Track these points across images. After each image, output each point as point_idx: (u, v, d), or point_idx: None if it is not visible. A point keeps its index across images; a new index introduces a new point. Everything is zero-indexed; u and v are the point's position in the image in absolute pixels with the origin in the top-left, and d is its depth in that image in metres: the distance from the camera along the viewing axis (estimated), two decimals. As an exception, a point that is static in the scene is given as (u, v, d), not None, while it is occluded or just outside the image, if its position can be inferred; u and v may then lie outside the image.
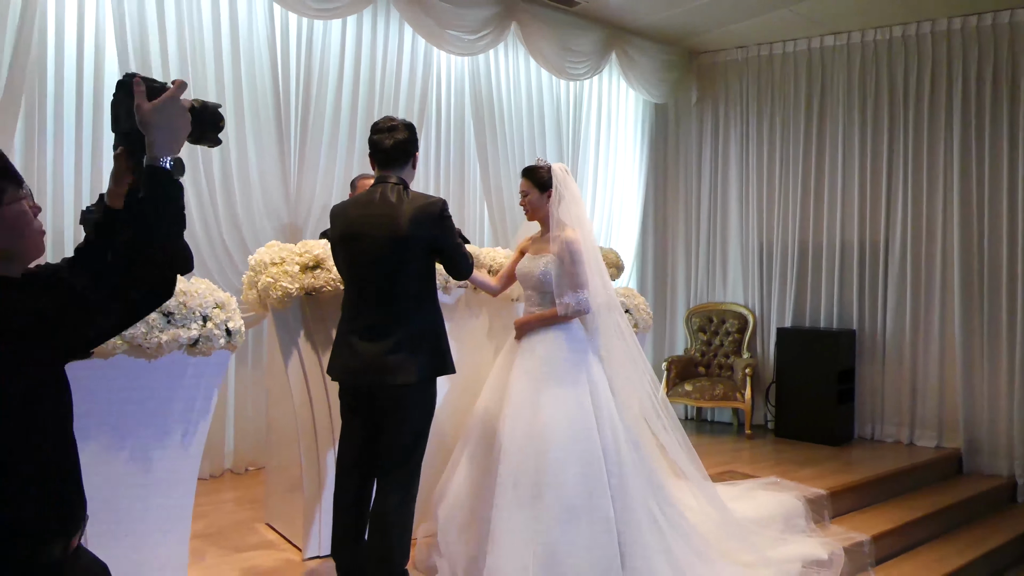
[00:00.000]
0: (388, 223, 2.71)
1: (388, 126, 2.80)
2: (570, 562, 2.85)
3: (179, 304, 2.75)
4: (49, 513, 1.34)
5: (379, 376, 2.69)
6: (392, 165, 2.80)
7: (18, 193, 1.41)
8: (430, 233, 2.72)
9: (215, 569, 3.13)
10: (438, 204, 2.76)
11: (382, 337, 2.70)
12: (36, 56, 3.92)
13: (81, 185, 4.12)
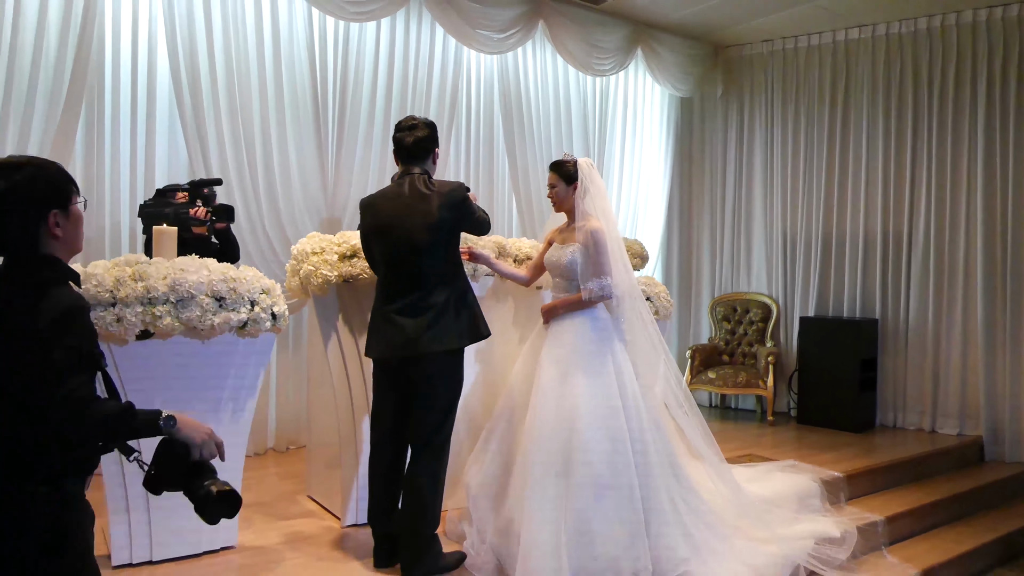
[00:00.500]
0: (419, 210, 2.97)
1: (409, 125, 3.07)
2: (599, 531, 3.05)
3: (230, 289, 3.01)
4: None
5: (427, 345, 2.93)
6: (414, 160, 3.07)
7: (78, 196, 1.77)
8: (457, 216, 3.01)
9: (262, 534, 3.39)
10: (461, 189, 3.05)
11: (423, 312, 2.95)
12: (95, 62, 4.22)
13: (136, 180, 4.42)
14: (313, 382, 4.02)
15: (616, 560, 3.03)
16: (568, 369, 3.30)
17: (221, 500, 1.76)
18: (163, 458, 1.76)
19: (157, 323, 2.85)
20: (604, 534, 3.05)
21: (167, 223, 3.42)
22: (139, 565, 3.00)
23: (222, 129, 4.55)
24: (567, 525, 3.04)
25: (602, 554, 3.02)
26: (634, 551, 3.06)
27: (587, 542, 3.04)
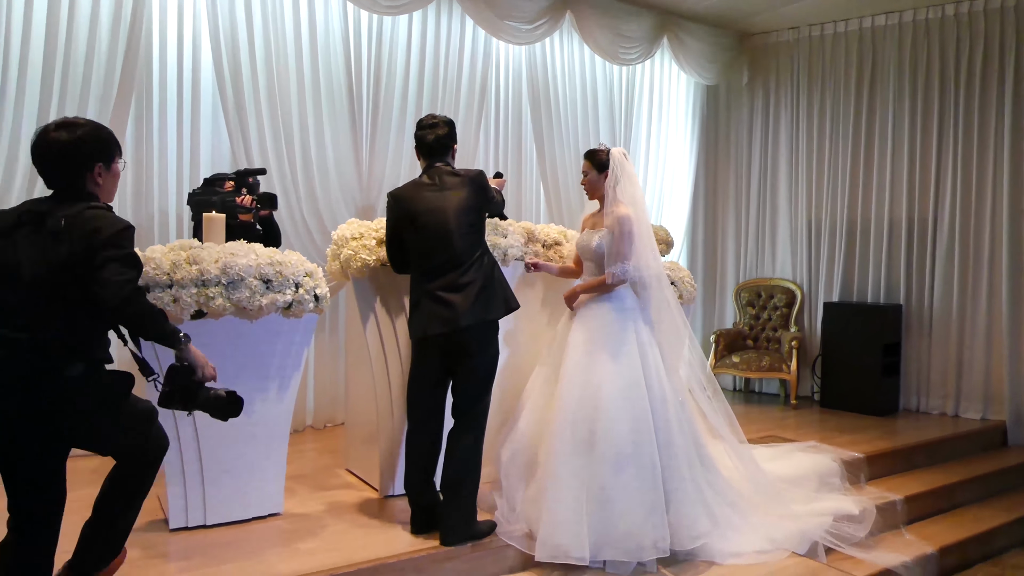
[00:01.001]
0: (450, 196, 3.22)
1: (430, 123, 3.30)
2: (620, 503, 3.21)
3: (276, 272, 3.21)
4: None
5: (473, 317, 3.15)
6: (435, 156, 3.32)
7: (120, 157, 2.40)
8: (480, 198, 3.29)
9: (305, 504, 3.61)
10: (482, 174, 3.32)
11: (462, 288, 3.17)
12: (143, 59, 4.45)
13: (182, 170, 4.65)
14: (351, 361, 4.22)
15: (635, 531, 3.19)
16: (594, 349, 3.46)
17: (229, 400, 2.43)
18: (174, 377, 2.35)
19: (210, 303, 3.06)
20: (624, 506, 3.21)
21: (215, 210, 3.63)
22: (194, 529, 3.22)
23: (262, 121, 4.76)
24: (589, 496, 3.21)
25: (622, 525, 3.19)
26: (653, 523, 3.22)
27: (607, 513, 3.20)
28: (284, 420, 3.44)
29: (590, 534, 3.16)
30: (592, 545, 3.15)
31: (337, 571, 2.84)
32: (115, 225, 2.22)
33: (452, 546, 3.11)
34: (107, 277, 2.16)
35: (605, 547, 3.17)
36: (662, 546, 3.21)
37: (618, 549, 3.17)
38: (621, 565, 3.19)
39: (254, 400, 3.31)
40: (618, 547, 3.17)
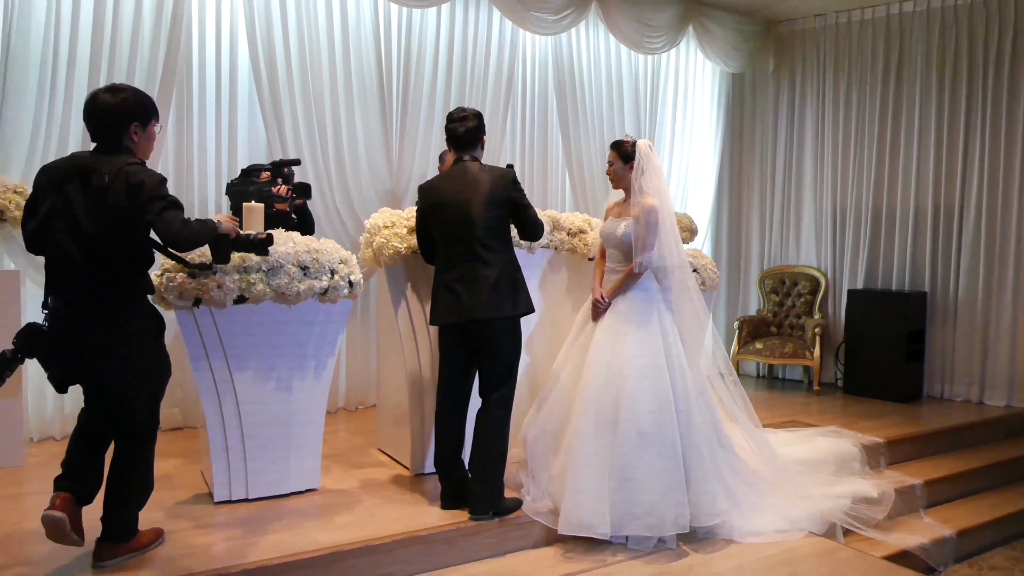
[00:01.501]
0: (475, 190, 3.32)
1: (460, 116, 3.42)
2: (641, 481, 3.34)
3: (313, 260, 3.37)
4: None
5: (484, 312, 3.28)
6: (465, 148, 3.42)
7: (156, 121, 2.79)
8: (508, 195, 3.35)
9: (341, 480, 3.78)
10: (511, 172, 3.42)
11: (477, 282, 3.29)
12: (183, 55, 4.63)
13: (220, 161, 4.83)
14: (382, 345, 4.38)
15: (655, 507, 3.31)
16: (618, 334, 3.57)
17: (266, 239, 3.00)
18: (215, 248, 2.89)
19: (251, 289, 3.23)
20: (645, 483, 3.34)
21: (254, 200, 3.79)
22: (237, 502, 3.41)
23: (297, 113, 4.92)
24: (611, 474, 3.34)
25: (643, 501, 3.31)
26: (673, 500, 3.34)
27: (629, 490, 3.33)
28: (320, 400, 3.61)
29: (612, 510, 3.29)
30: (614, 521, 3.28)
31: (372, 542, 3.00)
32: (153, 178, 2.61)
33: (479, 520, 3.26)
34: (166, 227, 2.56)
35: (627, 523, 3.30)
36: (682, 522, 3.33)
37: (640, 524, 3.30)
38: (643, 540, 3.32)
39: (292, 381, 3.49)
40: (640, 523, 3.30)
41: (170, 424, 4.78)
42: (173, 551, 2.88)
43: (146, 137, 2.75)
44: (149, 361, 2.79)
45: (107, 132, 2.67)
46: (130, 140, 2.69)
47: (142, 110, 2.71)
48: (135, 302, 2.74)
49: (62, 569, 2.74)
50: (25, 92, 4.18)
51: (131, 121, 2.68)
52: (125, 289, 2.69)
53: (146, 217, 2.56)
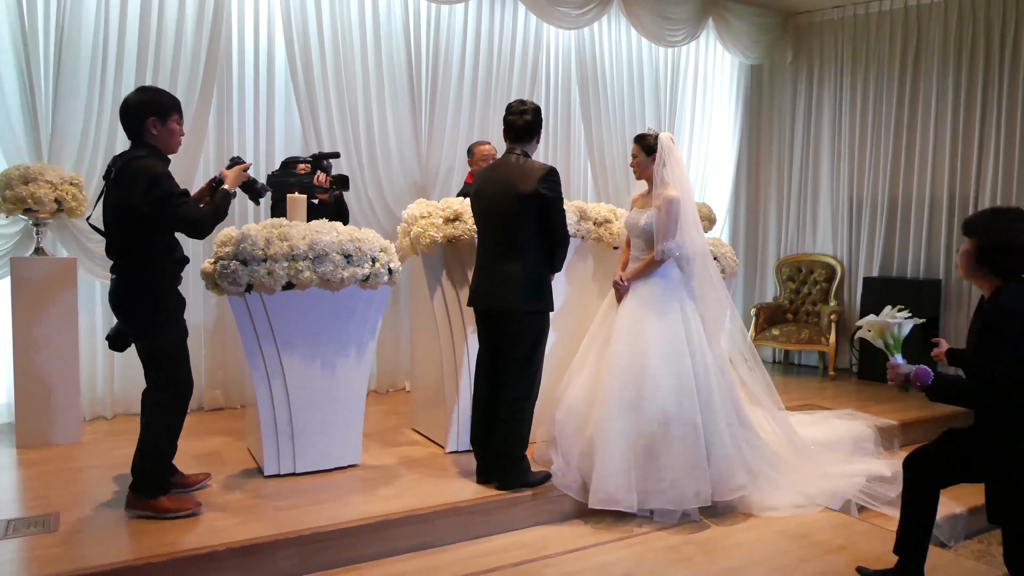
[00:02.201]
0: (512, 183, 3.46)
1: (520, 109, 3.54)
2: (664, 457, 3.53)
3: (356, 248, 3.57)
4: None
5: (496, 303, 3.47)
6: (520, 140, 3.56)
7: (176, 115, 3.06)
8: (537, 189, 3.40)
9: (379, 457, 4.00)
10: (548, 168, 3.47)
11: (494, 273, 3.47)
12: (224, 53, 4.84)
13: (259, 153, 5.04)
14: (417, 330, 4.58)
15: (677, 483, 3.51)
16: (641, 319, 3.76)
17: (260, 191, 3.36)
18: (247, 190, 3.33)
19: (299, 276, 3.43)
20: (667, 461, 3.53)
21: (297, 191, 3.99)
22: (285, 476, 3.63)
23: (331, 107, 5.11)
24: (636, 451, 3.54)
25: (666, 477, 3.51)
26: (695, 476, 3.54)
27: (653, 466, 3.52)
28: (361, 381, 3.82)
29: (637, 486, 3.49)
30: (639, 495, 3.48)
31: (416, 512, 3.21)
32: (153, 170, 2.90)
33: (506, 491, 3.47)
34: (170, 222, 2.95)
35: (651, 497, 3.50)
36: (704, 496, 3.53)
37: (663, 499, 3.50)
38: (667, 513, 3.52)
39: (335, 363, 3.70)
40: (663, 497, 3.50)
41: (213, 404, 5.03)
42: (231, 518, 3.10)
43: (166, 131, 3.04)
44: (165, 338, 3.09)
45: (129, 127, 3.03)
46: (149, 134, 3.01)
47: (158, 105, 3.02)
48: (150, 285, 3.04)
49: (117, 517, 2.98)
50: (77, 88, 4.40)
51: (148, 116, 2.99)
52: (137, 273, 3.02)
53: (164, 216, 2.91)
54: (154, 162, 2.96)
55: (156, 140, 3.03)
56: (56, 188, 4.02)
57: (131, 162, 2.94)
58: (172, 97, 3.11)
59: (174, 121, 3.06)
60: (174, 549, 2.78)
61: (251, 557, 2.84)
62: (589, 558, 3.18)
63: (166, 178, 2.94)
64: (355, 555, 3.04)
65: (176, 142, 3.12)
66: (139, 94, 3.05)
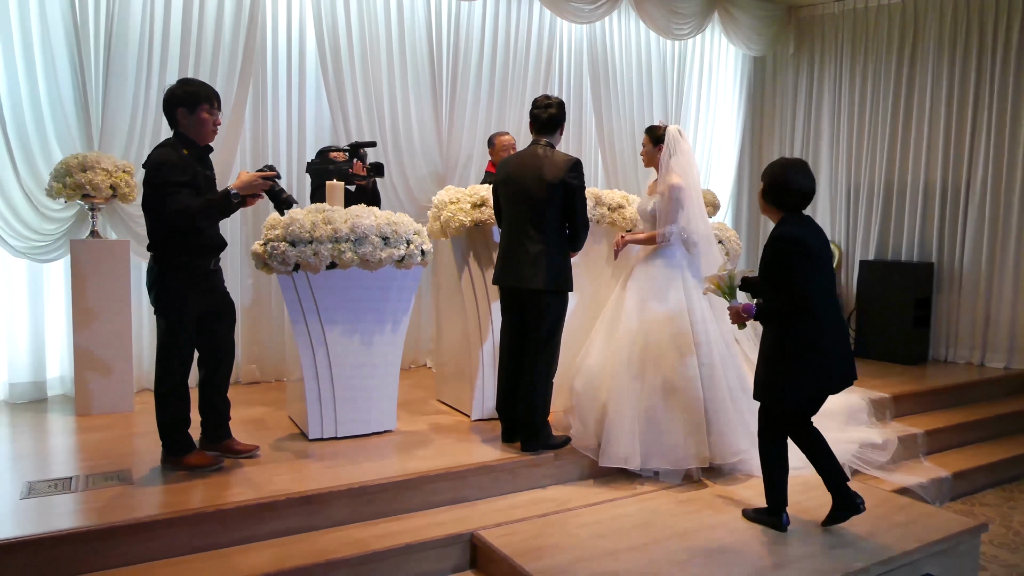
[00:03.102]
0: (537, 171, 3.77)
1: (545, 103, 3.84)
2: (665, 422, 3.87)
3: (392, 231, 3.89)
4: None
5: (521, 282, 3.79)
6: (544, 132, 3.86)
7: (207, 106, 3.28)
8: (563, 178, 3.71)
9: (411, 423, 4.34)
10: (574, 160, 3.77)
11: (524, 254, 3.79)
12: (259, 48, 5.15)
13: (292, 141, 5.37)
14: (442, 308, 4.91)
15: (676, 446, 3.86)
16: (646, 297, 4.10)
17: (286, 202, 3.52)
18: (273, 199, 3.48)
19: (342, 256, 3.76)
20: (668, 426, 3.88)
21: (335, 178, 4.31)
22: (327, 439, 3.98)
23: (358, 99, 5.43)
24: (640, 416, 3.88)
25: (667, 440, 3.86)
26: (694, 440, 3.88)
27: (654, 429, 3.87)
28: (396, 353, 4.15)
29: (641, 446, 3.84)
30: (643, 456, 3.83)
31: (450, 470, 3.56)
32: (156, 161, 3.16)
33: (530, 453, 3.81)
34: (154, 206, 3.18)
35: (653, 457, 3.86)
36: (702, 458, 3.87)
37: (664, 459, 3.85)
38: (670, 473, 3.88)
39: (373, 336, 4.04)
40: (664, 457, 3.85)
41: (250, 378, 5.37)
42: (286, 473, 3.45)
43: (195, 120, 3.28)
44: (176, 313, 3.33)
45: (167, 117, 3.35)
46: (180, 124, 3.29)
47: (188, 96, 3.26)
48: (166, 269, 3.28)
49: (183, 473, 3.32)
50: (125, 81, 4.70)
51: (178, 106, 3.26)
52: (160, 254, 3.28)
53: (155, 202, 3.16)
54: (167, 151, 3.20)
55: (186, 129, 3.28)
56: (111, 175, 4.34)
57: (153, 150, 3.25)
58: (206, 88, 3.31)
59: (203, 111, 3.26)
60: (242, 498, 3.12)
61: (309, 505, 3.19)
62: (607, 510, 3.53)
63: (168, 167, 3.15)
64: (399, 507, 3.39)
65: (208, 131, 3.33)
66: (177, 86, 3.31)
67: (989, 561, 3.75)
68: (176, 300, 3.30)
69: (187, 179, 3.19)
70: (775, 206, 3.24)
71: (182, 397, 3.42)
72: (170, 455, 3.46)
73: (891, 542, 3.24)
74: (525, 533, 3.24)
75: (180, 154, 3.22)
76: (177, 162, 3.18)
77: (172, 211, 3.13)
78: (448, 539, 3.20)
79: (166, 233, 3.23)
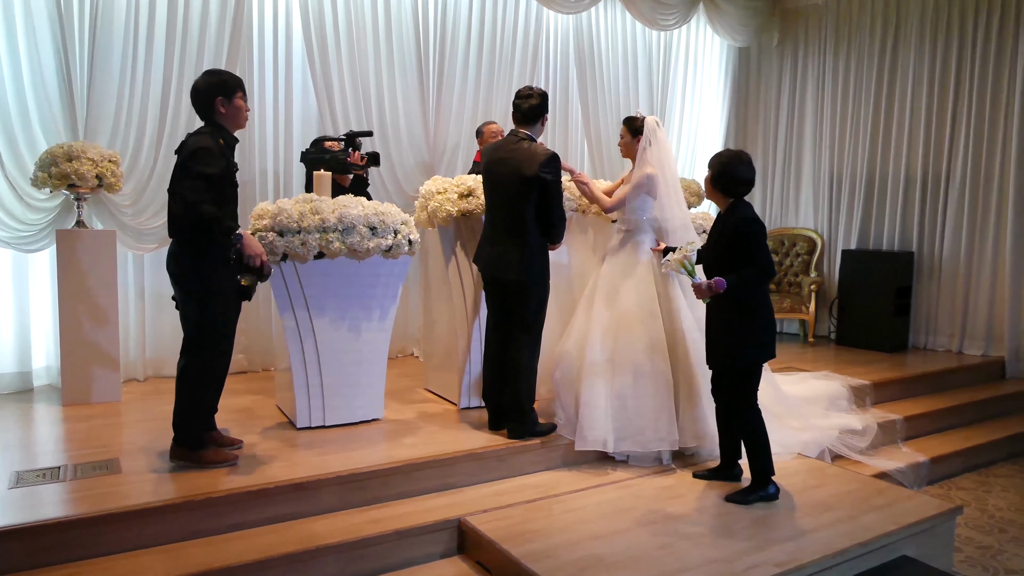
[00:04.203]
0: (514, 164, 3.82)
1: (527, 94, 3.89)
2: (634, 407, 3.94)
3: (380, 221, 3.91)
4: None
5: (496, 271, 3.85)
6: (525, 122, 3.91)
7: (242, 93, 3.35)
8: (537, 173, 3.74)
9: (399, 412, 4.38)
10: (550, 154, 3.79)
11: (500, 244, 3.84)
12: (245, 36, 5.13)
13: (278, 130, 5.37)
14: (429, 298, 4.95)
15: (645, 429, 3.93)
16: (618, 284, 4.18)
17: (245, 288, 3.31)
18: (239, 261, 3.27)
19: (329, 246, 3.78)
20: (637, 409, 3.95)
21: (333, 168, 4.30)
22: (316, 428, 4.01)
23: (345, 88, 5.43)
24: (611, 400, 3.95)
25: (635, 422, 3.94)
26: (663, 424, 3.95)
27: (625, 413, 3.94)
28: (384, 342, 4.19)
29: (614, 429, 3.90)
30: (615, 439, 3.90)
31: (438, 457, 3.60)
32: (195, 146, 3.15)
33: (516, 440, 3.86)
34: (180, 191, 3.14)
35: (624, 440, 3.92)
36: (670, 440, 3.94)
37: (634, 442, 3.92)
38: (641, 457, 3.95)
39: (361, 325, 4.06)
40: (634, 440, 3.92)
41: (237, 368, 5.36)
42: (275, 461, 3.48)
43: (233, 108, 3.33)
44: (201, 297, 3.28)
45: (199, 109, 3.33)
46: (218, 114, 3.31)
47: (223, 86, 3.30)
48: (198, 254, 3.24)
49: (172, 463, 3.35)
50: (110, 69, 4.69)
51: (215, 96, 3.28)
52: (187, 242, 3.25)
53: (185, 185, 3.12)
54: (204, 138, 3.20)
55: (224, 119, 3.32)
56: (97, 165, 4.33)
57: (189, 137, 3.26)
58: (236, 77, 3.39)
59: (239, 98, 3.33)
60: (232, 486, 3.15)
61: (299, 492, 3.22)
62: (593, 496, 3.59)
63: (204, 152, 3.13)
64: (387, 493, 3.43)
65: (244, 117, 3.40)
66: (206, 77, 3.32)
67: (964, 543, 3.85)
68: (220, 280, 3.27)
69: (219, 169, 3.19)
70: (723, 193, 3.53)
71: (219, 389, 3.48)
72: (187, 448, 3.38)
73: (870, 524, 3.32)
74: (512, 519, 3.29)
75: (216, 143, 3.23)
76: (214, 150, 3.18)
77: (190, 200, 3.10)
78: (437, 525, 3.24)
79: (196, 218, 3.15)
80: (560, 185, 3.86)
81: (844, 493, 3.69)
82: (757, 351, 3.55)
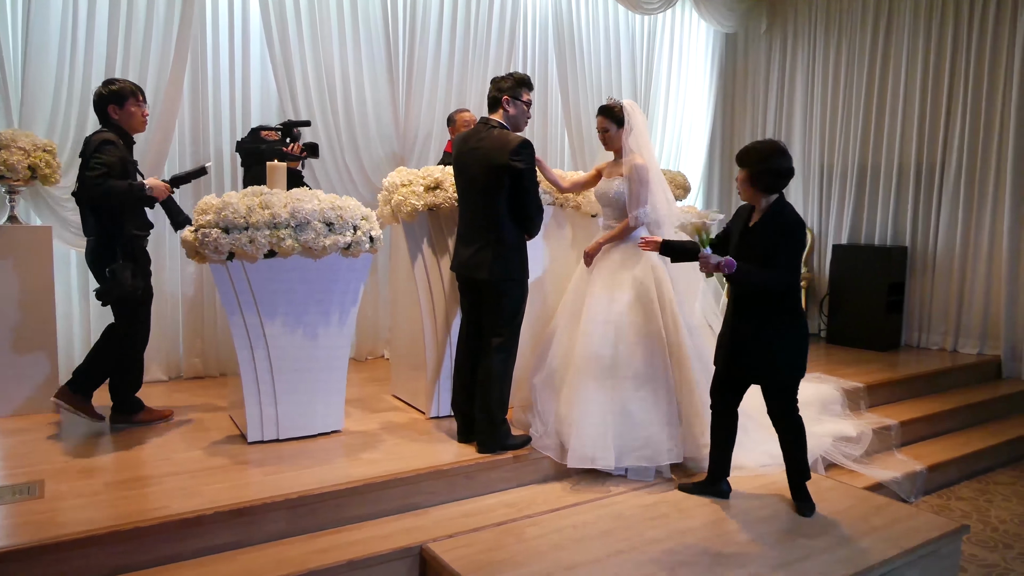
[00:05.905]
0: (484, 155, 3.50)
1: (497, 79, 3.60)
2: (638, 415, 3.64)
3: (337, 216, 3.58)
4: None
5: (469, 271, 3.54)
6: (491, 109, 3.63)
7: (135, 100, 3.66)
8: (506, 162, 3.42)
9: (361, 422, 4.06)
10: (520, 140, 3.46)
11: (472, 243, 3.53)
12: (198, 17, 4.76)
13: (235, 119, 5.01)
14: (396, 298, 4.62)
15: (651, 440, 3.63)
16: (613, 284, 3.85)
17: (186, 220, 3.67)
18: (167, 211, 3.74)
19: (281, 244, 3.44)
20: (642, 418, 3.65)
21: (266, 158, 3.97)
22: (268, 442, 3.68)
23: (307, 74, 5.07)
24: (612, 412, 3.64)
25: (640, 434, 3.63)
26: (668, 433, 3.66)
27: (628, 425, 3.64)
28: (344, 348, 3.86)
29: (614, 444, 3.60)
30: (616, 454, 3.59)
31: (400, 475, 3.28)
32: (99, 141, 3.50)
33: (486, 454, 3.55)
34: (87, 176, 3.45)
35: (627, 455, 3.62)
36: (676, 452, 3.65)
37: (638, 456, 3.62)
38: (642, 471, 3.65)
39: (318, 330, 3.73)
40: (638, 454, 3.62)
41: (192, 373, 5.04)
42: (218, 483, 3.15)
43: (125, 114, 3.66)
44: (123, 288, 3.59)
45: (97, 113, 3.68)
46: (110, 119, 3.65)
47: (116, 95, 3.63)
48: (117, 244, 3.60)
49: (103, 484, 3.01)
50: (47, 53, 4.31)
51: (107, 104, 3.63)
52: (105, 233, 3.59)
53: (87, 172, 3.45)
54: (105, 133, 3.56)
55: (120, 122, 3.66)
56: (29, 155, 3.96)
57: (92, 135, 3.58)
58: (130, 84, 3.68)
59: (131, 104, 3.65)
60: (164, 513, 2.82)
61: (240, 519, 2.89)
62: (569, 517, 3.28)
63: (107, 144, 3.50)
64: (342, 517, 3.11)
65: (138, 121, 3.72)
66: (100, 88, 3.64)
67: (968, 561, 3.59)
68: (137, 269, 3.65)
69: (117, 159, 3.52)
70: (766, 191, 3.24)
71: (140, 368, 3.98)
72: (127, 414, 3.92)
73: (870, 548, 3.04)
74: (479, 545, 2.98)
75: (117, 139, 3.57)
76: (117, 143, 3.54)
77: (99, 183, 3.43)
78: (395, 553, 2.93)
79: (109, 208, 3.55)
80: (535, 174, 3.54)
81: (841, 511, 3.41)
82: (804, 361, 3.37)
